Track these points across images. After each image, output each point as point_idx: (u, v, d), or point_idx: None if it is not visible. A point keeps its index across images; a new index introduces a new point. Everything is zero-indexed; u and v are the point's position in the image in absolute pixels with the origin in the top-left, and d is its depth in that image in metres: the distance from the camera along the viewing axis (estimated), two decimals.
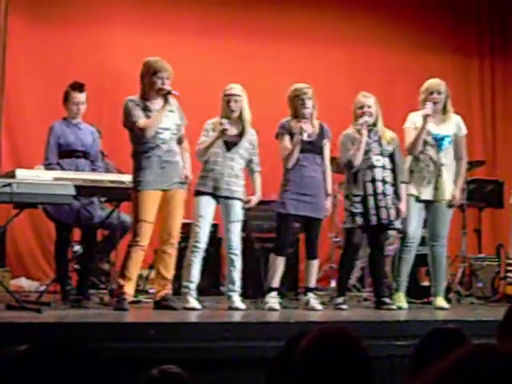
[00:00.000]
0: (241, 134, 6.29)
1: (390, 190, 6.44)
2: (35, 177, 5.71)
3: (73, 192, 5.67)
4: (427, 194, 6.52)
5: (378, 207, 6.35)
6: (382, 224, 6.38)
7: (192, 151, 6.29)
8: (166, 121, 5.94)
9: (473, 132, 10.38)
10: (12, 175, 5.66)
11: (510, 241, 7.49)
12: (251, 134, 6.38)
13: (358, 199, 6.40)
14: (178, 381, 2.98)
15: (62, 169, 6.33)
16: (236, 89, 6.30)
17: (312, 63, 9.59)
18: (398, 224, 6.51)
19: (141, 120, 5.86)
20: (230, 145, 6.25)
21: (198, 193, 6.22)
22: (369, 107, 6.43)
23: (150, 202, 5.85)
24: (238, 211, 6.29)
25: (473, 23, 10.71)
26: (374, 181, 6.40)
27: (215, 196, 6.22)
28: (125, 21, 9.31)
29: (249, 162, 6.39)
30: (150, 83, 5.93)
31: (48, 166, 6.35)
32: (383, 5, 10.19)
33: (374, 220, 6.35)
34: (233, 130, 6.23)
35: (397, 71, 10.02)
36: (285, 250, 6.30)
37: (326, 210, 6.38)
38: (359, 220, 6.37)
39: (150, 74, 5.92)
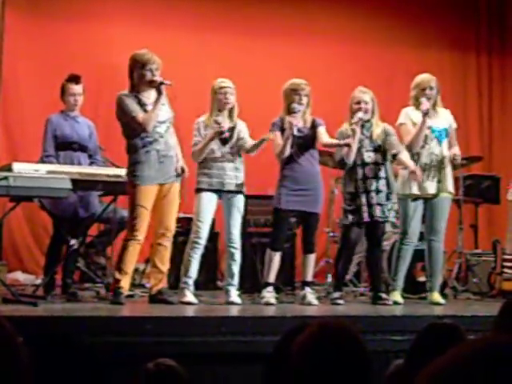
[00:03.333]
0: (232, 127, 6.28)
1: (384, 185, 6.43)
2: (32, 170, 5.71)
3: (69, 186, 5.66)
4: (431, 188, 6.51)
5: (370, 205, 6.34)
6: (376, 220, 6.38)
7: (185, 149, 6.28)
8: (160, 114, 5.93)
9: (470, 128, 10.42)
10: (9, 168, 5.65)
11: (507, 236, 7.49)
12: (240, 124, 6.37)
13: (350, 196, 6.42)
14: (173, 375, 2.98)
15: (59, 162, 6.32)
16: (228, 82, 6.30)
17: (308, 59, 9.57)
18: (392, 217, 6.52)
19: (140, 114, 5.85)
20: (223, 139, 6.24)
21: (200, 190, 6.21)
22: (365, 103, 6.41)
23: (148, 196, 5.85)
24: (239, 205, 6.29)
25: (470, 19, 10.71)
26: (365, 178, 6.38)
27: (217, 192, 6.22)
28: (121, 15, 9.29)
29: (243, 143, 6.33)
30: (139, 76, 5.91)
31: (47, 158, 6.35)
32: (381, 0, 10.18)
33: (366, 217, 6.34)
34: (225, 124, 6.21)
35: (394, 67, 10.01)
36: (281, 245, 6.29)
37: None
38: (351, 217, 6.37)
39: (138, 67, 5.91)
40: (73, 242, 6.19)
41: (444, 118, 6.64)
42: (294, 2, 9.82)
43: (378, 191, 6.38)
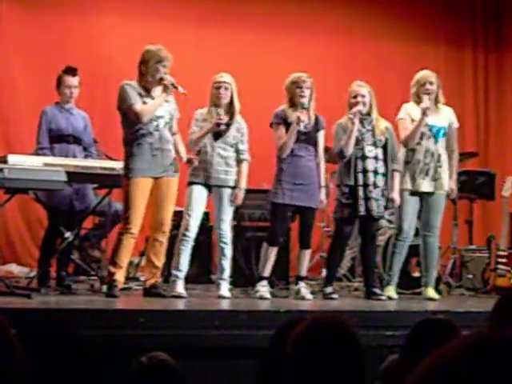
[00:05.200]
0: (228, 123, 6.28)
1: (381, 181, 6.43)
2: (27, 163, 5.70)
3: (64, 178, 5.66)
4: (426, 185, 6.50)
5: (367, 198, 6.34)
6: (372, 215, 6.38)
7: (184, 141, 6.28)
8: (160, 109, 5.93)
9: (465, 124, 10.40)
10: (4, 160, 5.64)
11: (501, 232, 7.50)
12: (239, 123, 6.36)
13: (347, 189, 6.40)
14: (167, 368, 2.98)
15: (54, 154, 6.31)
16: (225, 77, 6.29)
17: (306, 54, 9.56)
18: (387, 214, 6.52)
19: (137, 104, 5.85)
20: (217, 134, 6.23)
21: (191, 183, 6.22)
22: (362, 96, 6.41)
23: (141, 189, 5.84)
24: (229, 200, 6.28)
25: (466, 14, 10.71)
26: (365, 171, 6.38)
27: (207, 185, 6.22)
28: (117, 8, 9.27)
29: (236, 151, 6.36)
30: (153, 70, 5.90)
31: (41, 151, 6.34)
32: None
33: (362, 211, 6.34)
34: (223, 119, 6.22)
35: (390, 62, 10.01)
36: (278, 240, 6.29)
37: (320, 202, 6.39)
38: (347, 210, 6.37)
39: (154, 61, 5.88)
40: (67, 234, 6.18)
41: (444, 117, 6.62)
42: None
43: (375, 186, 6.38)
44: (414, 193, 6.52)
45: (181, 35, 9.30)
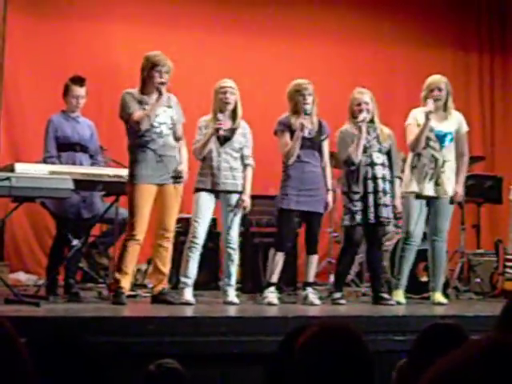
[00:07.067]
0: (233, 128, 6.28)
1: (388, 187, 6.44)
2: (34, 171, 5.71)
3: (71, 186, 5.67)
4: (429, 190, 6.49)
5: (377, 205, 6.34)
6: (381, 222, 6.38)
7: (188, 149, 6.29)
8: (163, 115, 5.94)
9: (472, 128, 10.35)
10: (11, 169, 5.66)
11: (509, 236, 7.48)
12: (244, 128, 6.36)
13: (357, 197, 6.39)
14: (175, 375, 2.99)
15: (61, 162, 6.33)
16: (229, 82, 6.31)
17: (310, 59, 9.56)
18: (394, 221, 6.53)
19: (135, 113, 5.87)
20: (223, 139, 6.24)
21: (198, 189, 6.22)
22: (366, 104, 6.42)
23: (145, 195, 5.85)
24: (236, 205, 6.28)
25: (472, 19, 10.70)
26: (375, 178, 6.38)
27: (215, 192, 6.22)
28: (124, 16, 9.29)
29: (240, 156, 6.36)
30: (148, 77, 5.94)
31: (49, 159, 6.35)
32: (383, 1, 10.17)
33: (372, 218, 6.34)
34: (226, 124, 6.21)
35: (396, 67, 10.01)
36: (285, 246, 6.29)
37: (328, 205, 6.39)
38: (358, 218, 6.36)
39: (148, 67, 5.93)
40: (75, 242, 6.19)
41: (452, 122, 6.60)
42: (295, 3, 9.81)
43: (385, 192, 6.39)
44: (419, 196, 6.51)
45: (185, 41, 9.32)
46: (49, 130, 6.48)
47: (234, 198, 6.27)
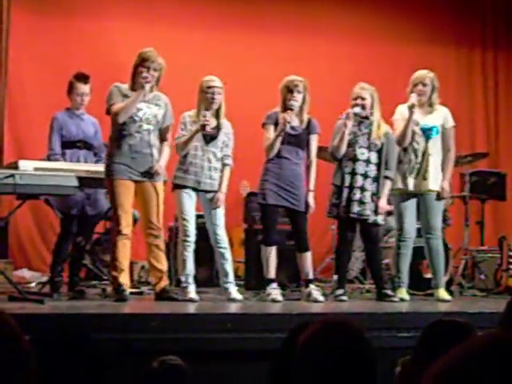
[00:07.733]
0: (219, 128, 6.25)
1: (370, 185, 6.40)
2: (38, 168, 5.72)
3: (75, 183, 5.68)
4: (416, 185, 6.49)
5: (350, 201, 6.33)
6: (351, 218, 6.35)
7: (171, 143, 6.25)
8: (145, 111, 5.93)
9: (476, 124, 10.41)
10: (15, 166, 5.67)
11: None
12: (227, 127, 6.34)
13: (335, 190, 6.41)
14: (178, 372, 2.99)
15: (65, 160, 6.33)
16: (216, 81, 6.23)
17: (311, 56, 9.57)
18: (380, 219, 6.47)
19: (116, 105, 5.85)
20: (208, 138, 6.21)
21: (178, 186, 6.17)
22: (362, 99, 6.40)
23: (124, 190, 5.82)
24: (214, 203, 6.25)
25: (476, 15, 10.69)
26: (354, 174, 6.37)
27: (195, 190, 6.20)
28: (127, 13, 9.30)
29: (225, 151, 6.32)
30: (136, 72, 5.91)
31: (53, 156, 6.36)
32: None
33: (342, 211, 6.33)
34: (212, 123, 6.17)
35: (399, 63, 9.99)
36: (272, 239, 6.24)
37: (309, 207, 6.29)
38: (334, 211, 6.39)
39: (138, 62, 5.92)
40: (79, 239, 6.20)
41: (438, 116, 6.58)
42: (299, 0, 9.80)
43: (363, 189, 6.36)
44: (405, 192, 6.49)
45: (187, 39, 9.33)
46: (53, 127, 6.48)
47: (211, 196, 6.23)
